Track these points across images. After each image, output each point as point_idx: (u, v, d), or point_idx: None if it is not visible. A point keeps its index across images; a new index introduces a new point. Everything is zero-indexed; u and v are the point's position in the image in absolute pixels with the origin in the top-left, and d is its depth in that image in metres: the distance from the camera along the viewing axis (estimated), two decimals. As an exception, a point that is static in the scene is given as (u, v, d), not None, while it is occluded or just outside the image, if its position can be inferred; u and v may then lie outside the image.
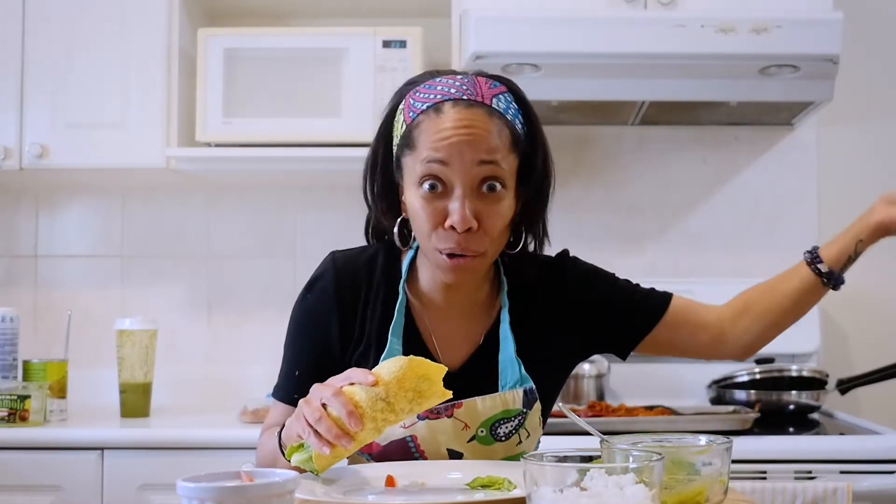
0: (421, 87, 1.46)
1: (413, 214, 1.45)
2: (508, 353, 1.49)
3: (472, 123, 1.40)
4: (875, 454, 2.23)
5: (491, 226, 1.42)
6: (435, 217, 1.41)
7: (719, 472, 1.16)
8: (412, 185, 1.43)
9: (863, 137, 3.00)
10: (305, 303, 1.55)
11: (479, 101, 1.42)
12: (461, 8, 2.59)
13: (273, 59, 2.65)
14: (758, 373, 2.67)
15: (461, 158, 1.39)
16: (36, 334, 2.94)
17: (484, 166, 1.40)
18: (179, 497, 0.99)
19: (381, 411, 1.25)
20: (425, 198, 1.41)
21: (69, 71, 2.66)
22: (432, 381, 1.28)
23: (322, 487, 1.27)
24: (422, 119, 1.42)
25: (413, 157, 1.42)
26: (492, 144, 1.40)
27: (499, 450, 1.46)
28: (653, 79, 2.56)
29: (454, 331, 1.53)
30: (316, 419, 1.25)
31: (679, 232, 2.99)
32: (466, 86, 1.43)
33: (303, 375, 1.52)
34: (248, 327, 2.98)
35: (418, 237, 1.47)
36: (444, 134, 1.39)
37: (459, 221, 1.38)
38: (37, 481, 2.33)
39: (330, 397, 1.25)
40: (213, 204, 3.01)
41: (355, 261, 1.55)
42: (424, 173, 1.40)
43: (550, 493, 0.99)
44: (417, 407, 1.29)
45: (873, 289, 2.96)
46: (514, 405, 1.46)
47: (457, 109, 1.41)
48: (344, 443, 1.24)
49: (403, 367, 1.26)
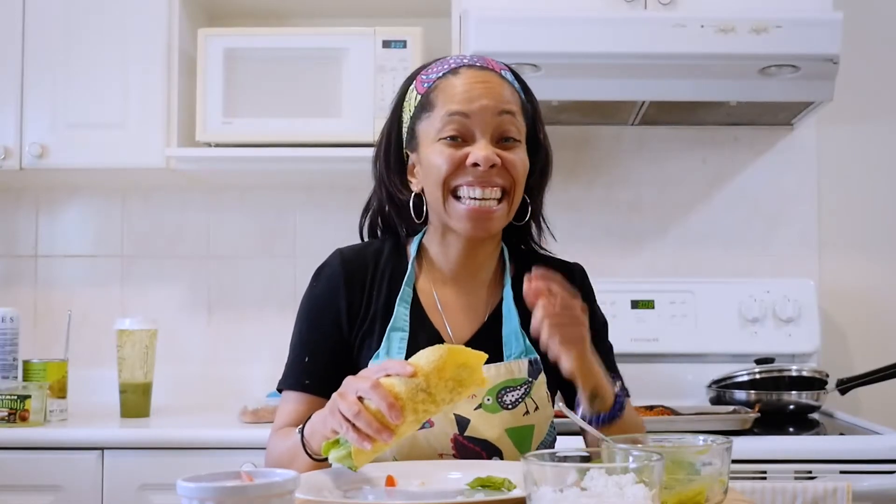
0: (432, 65, 1.56)
1: (430, 166, 1.49)
2: (513, 326, 1.53)
3: (488, 79, 1.50)
4: (875, 454, 2.23)
5: (512, 165, 1.48)
6: (456, 160, 1.47)
7: (719, 472, 1.16)
8: (430, 143, 1.50)
9: (863, 137, 3.00)
10: (314, 290, 1.59)
11: (490, 67, 1.53)
12: (461, 8, 2.59)
13: (273, 59, 2.65)
14: (758, 373, 2.67)
15: (481, 109, 1.47)
16: (36, 334, 2.94)
17: (503, 116, 1.48)
18: (179, 497, 0.99)
19: (422, 402, 1.23)
20: (447, 145, 1.48)
21: (69, 71, 2.66)
22: (472, 369, 1.26)
23: (322, 487, 1.27)
24: (438, 83, 1.51)
25: (432, 116, 1.49)
26: (508, 98, 1.50)
27: (506, 417, 1.47)
28: (653, 79, 2.56)
29: (462, 306, 1.56)
30: (354, 413, 1.23)
31: (679, 232, 2.99)
32: (477, 58, 1.55)
33: (313, 361, 1.54)
34: (248, 327, 2.98)
35: (434, 186, 1.50)
36: (464, 87, 1.48)
37: (483, 158, 1.45)
38: (37, 481, 2.32)
39: (368, 390, 1.23)
40: (213, 204, 3.01)
41: (362, 251, 1.60)
42: (445, 125, 1.47)
43: (550, 493, 0.99)
44: (457, 396, 1.26)
45: (873, 289, 2.97)
46: (520, 374, 1.49)
47: (472, 71, 1.51)
48: (385, 437, 1.22)
49: (443, 355, 1.24)
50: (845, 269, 2.96)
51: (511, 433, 1.48)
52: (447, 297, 1.56)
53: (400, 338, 1.51)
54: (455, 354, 1.25)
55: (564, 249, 1.69)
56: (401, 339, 1.51)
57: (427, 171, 1.51)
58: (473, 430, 1.47)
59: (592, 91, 2.62)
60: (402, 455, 1.47)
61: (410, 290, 1.55)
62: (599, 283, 1.75)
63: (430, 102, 1.50)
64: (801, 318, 2.80)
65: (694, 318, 2.82)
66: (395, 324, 1.52)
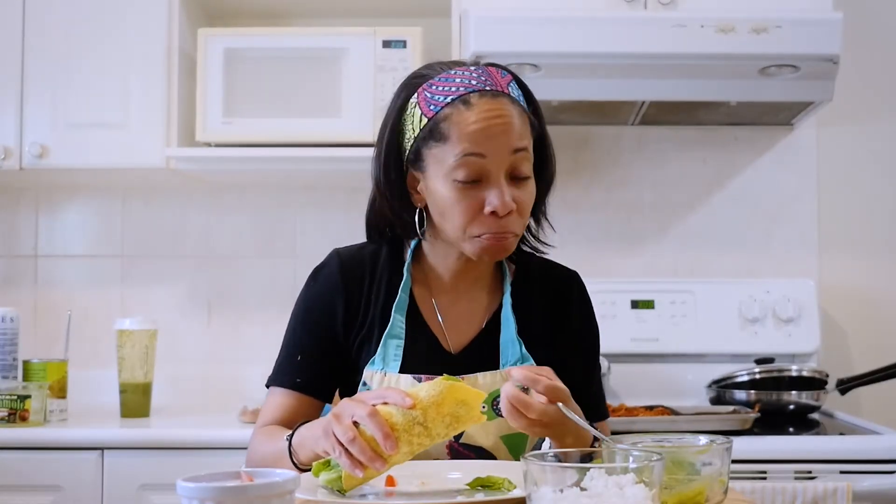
0: (436, 81, 1.48)
1: (445, 205, 1.46)
2: (510, 334, 1.53)
3: (502, 113, 1.44)
4: (875, 454, 2.23)
5: (524, 208, 1.47)
6: (473, 207, 1.44)
7: (719, 472, 1.16)
8: (441, 177, 1.45)
9: (863, 137, 3.00)
10: (311, 289, 1.58)
11: (500, 90, 1.46)
12: (461, 8, 2.59)
13: (273, 59, 2.65)
14: (758, 373, 2.67)
15: (498, 149, 1.43)
16: (36, 334, 2.94)
17: (517, 154, 1.45)
18: (179, 497, 0.99)
19: (418, 435, 1.22)
20: (461, 189, 1.44)
21: (69, 71, 2.66)
22: (470, 407, 1.26)
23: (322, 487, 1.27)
24: (449, 112, 1.44)
25: (443, 149, 1.44)
26: (520, 132, 1.46)
27: (501, 425, 1.47)
28: (653, 79, 2.56)
29: (459, 313, 1.56)
30: (349, 439, 1.21)
31: (679, 232, 2.99)
32: (484, 77, 1.47)
33: (306, 360, 1.53)
34: (248, 327, 2.97)
35: (450, 227, 1.48)
36: (480, 125, 1.43)
37: (501, 207, 1.43)
38: (37, 481, 2.32)
39: (365, 417, 1.22)
40: (213, 204, 3.01)
41: (359, 253, 1.59)
42: (461, 166, 1.43)
43: (550, 493, 0.99)
44: (452, 431, 1.26)
45: (873, 289, 2.97)
46: None
47: (485, 100, 1.44)
48: (377, 465, 1.21)
49: (443, 391, 1.23)
50: (845, 269, 2.96)
51: (506, 440, 1.48)
52: (446, 305, 1.56)
53: (396, 345, 1.51)
54: (455, 391, 1.25)
55: (564, 249, 1.69)
56: (397, 347, 1.50)
57: (438, 206, 1.48)
58: (468, 437, 1.47)
59: (592, 91, 2.62)
60: None
61: (406, 297, 1.54)
62: (599, 283, 1.75)
63: (440, 132, 1.45)
64: (801, 318, 2.80)
65: (694, 318, 2.82)
66: (392, 331, 1.51)
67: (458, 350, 1.53)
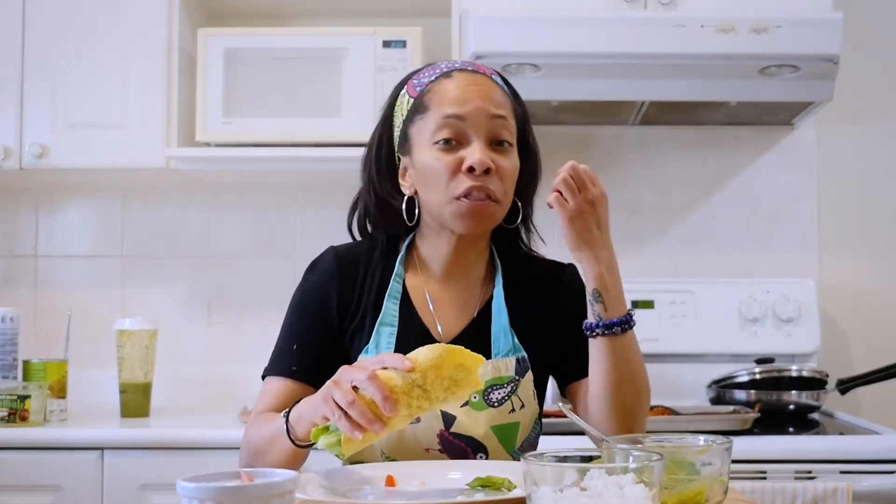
0: (424, 70, 1.58)
1: (426, 170, 1.50)
2: (502, 324, 1.54)
3: (481, 83, 1.53)
4: (875, 454, 2.23)
5: (503, 171, 1.50)
6: (452, 165, 1.48)
7: (719, 472, 1.16)
8: (425, 145, 1.51)
9: (863, 137, 3.00)
10: (307, 281, 1.61)
11: (482, 72, 1.56)
12: (461, 8, 2.59)
13: (273, 59, 2.65)
14: (758, 373, 2.67)
15: (476, 113, 1.49)
16: (36, 334, 2.94)
17: (496, 120, 1.50)
18: (179, 497, 0.99)
19: (417, 398, 1.24)
20: (442, 150, 1.49)
21: (69, 71, 2.66)
22: (468, 371, 1.27)
23: (322, 487, 1.27)
24: (431, 86, 1.53)
25: (425, 118, 1.51)
26: (499, 101, 1.52)
27: (492, 415, 1.48)
28: (653, 79, 2.56)
29: (452, 302, 1.57)
30: (348, 402, 1.23)
31: (679, 232, 2.99)
32: (468, 63, 1.58)
33: (301, 349, 1.55)
34: (248, 327, 2.98)
35: (434, 196, 1.50)
36: (459, 91, 1.50)
37: (478, 162, 1.46)
38: (37, 481, 2.33)
39: (364, 380, 1.24)
40: (213, 204, 3.01)
41: (355, 248, 1.63)
42: (440, 128, 1.49)
43: (550, 493, 0.99)
44: (451, 396, 1.27)
45: (873, 289, 2.97)
46: (507, 372, 1.50)
47: (465, 74, 1.53)
48: (377, 428, 1.23)
49: (442, 354, 1.25)
50: (845, 269, 2.96)
51: (496, 430, 1.49)
52: (438, 294, 1.57)
53: (389, 332, 1.52)
54: (454, 354, 1.26)
55: (564, 249, 1.69)
56: (389, 334, 1.52)
57: (423, 175, 1.51)
58: (459, 427, 1.48)
59: (592, 91, 2.62)
60: (390, 448, 1.48)
61: (399, 285, 1.56)
62: (599, 283, 1.74)
63: (423, 105, 1.51)
64: (801, 318, 2.80)
65: (694, 318, 2.82)
66: (384, 319, 1.53)
67: (450, 339, 1.54)
